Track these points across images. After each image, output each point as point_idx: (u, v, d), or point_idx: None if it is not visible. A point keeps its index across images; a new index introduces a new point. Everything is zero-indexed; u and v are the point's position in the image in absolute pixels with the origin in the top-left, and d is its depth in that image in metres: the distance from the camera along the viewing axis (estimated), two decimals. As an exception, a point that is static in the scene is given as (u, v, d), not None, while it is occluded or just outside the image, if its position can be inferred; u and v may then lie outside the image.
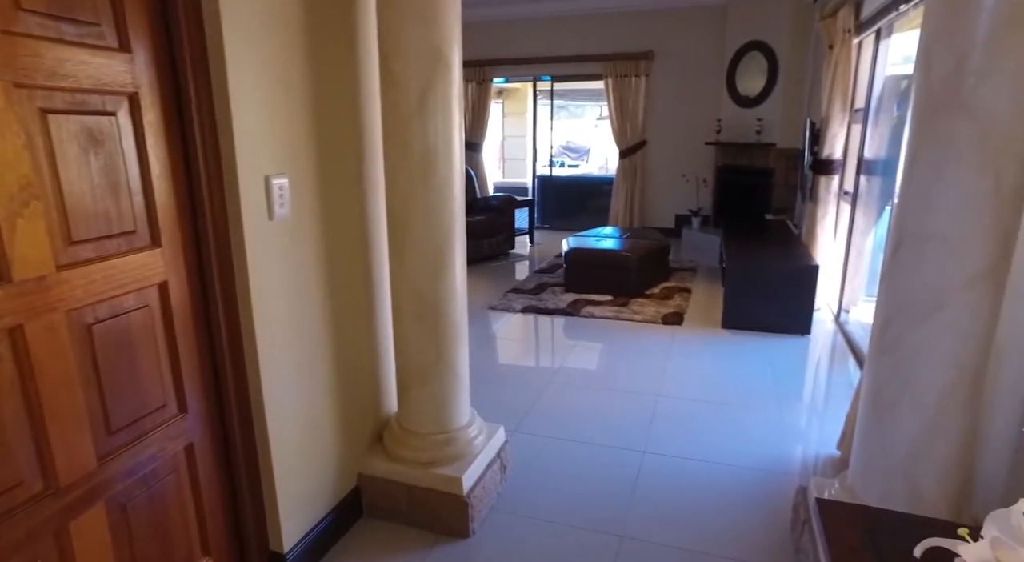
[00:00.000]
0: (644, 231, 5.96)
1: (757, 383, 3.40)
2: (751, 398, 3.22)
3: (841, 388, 3.41)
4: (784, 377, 3.47)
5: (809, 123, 4.30)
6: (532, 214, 7.31)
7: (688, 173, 7.34)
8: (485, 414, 2.49)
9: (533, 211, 7.32)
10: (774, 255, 4.39)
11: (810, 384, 3.49)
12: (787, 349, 3.89)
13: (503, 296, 5.06)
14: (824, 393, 3.35)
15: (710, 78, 7.04)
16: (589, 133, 17.93)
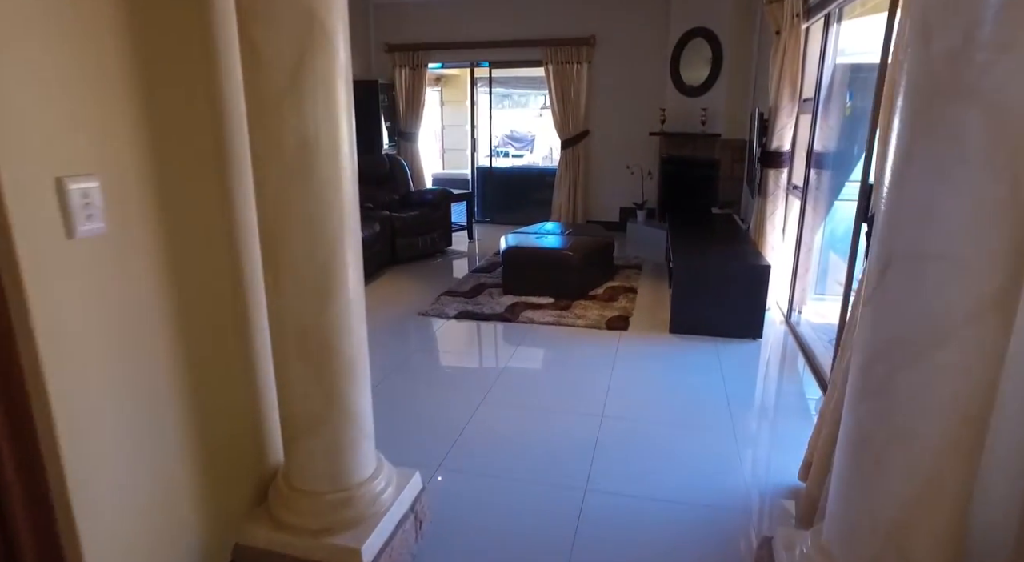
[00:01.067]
0: (587, 227, 5.65)
1: (709, 398, 3.11)
2: (703, 417, 2.93)
3: (797, 401, 3.17)
4: (737, 390, 3.21)
5: (757, 113, 4.06)
6: (471, 208, 6.90)
7: (632, 165, 7.07)
8: (401, 451, 2.09)
9: (472, 205, 6.91)
10: (722, 254, 4.13)
11: (765, 397, 3.23)
12: (739, 355, 3.64)
13: (436, 300, 4.65)
14: (780, 408, 3.10)
15: (654, 66, 6.77)
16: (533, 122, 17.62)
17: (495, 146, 18.49)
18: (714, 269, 3.83)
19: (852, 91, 3.45)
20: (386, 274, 5.47)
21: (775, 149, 4.11)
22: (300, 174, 1.55)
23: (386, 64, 7.48)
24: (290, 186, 1.55)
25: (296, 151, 1.53)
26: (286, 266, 1.61)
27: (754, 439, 2.76)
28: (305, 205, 1.58)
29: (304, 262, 1.61)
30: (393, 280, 5.30)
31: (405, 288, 5.07)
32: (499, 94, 17.62)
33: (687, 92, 6.33)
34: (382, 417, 2.80)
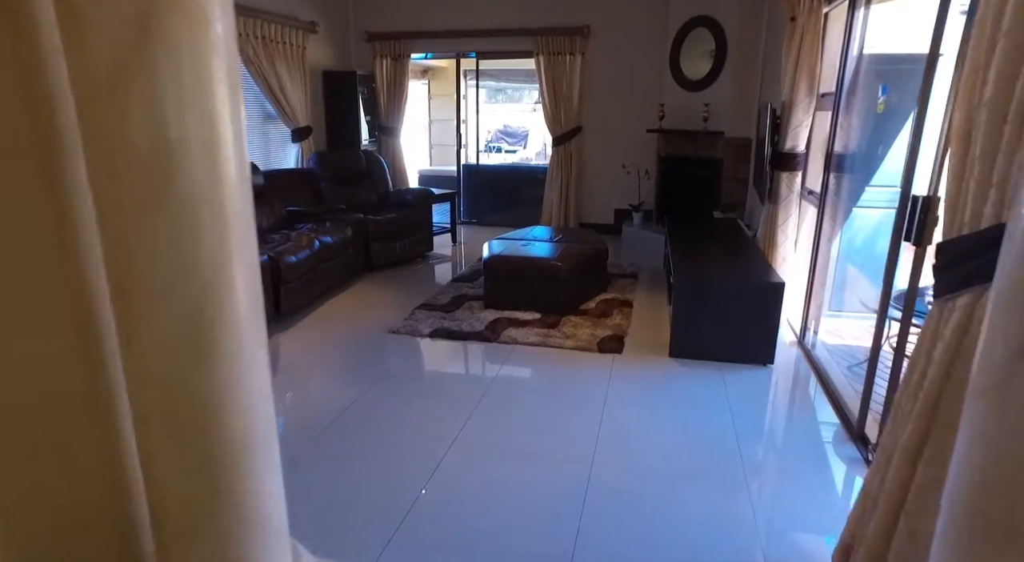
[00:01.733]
0: (579, 232, 5.18)
1: (716, 440, 2.67)
2: (710, 466, 2.49)
3: (818, 445, 2.72)
4: (749, 429, 2.76)
5: (770, 110, 3.62)
6: (455, 209, 6.43)
7: (629, 163, 6.61)
8: (337, 530, 1.63)
9: (456, 205, 6.44)
10: (729, 268, 3.68)
11: (782, 441, 2.78)
12: (748, 385, 3.19)
13: (410, 314, 4.18)
14: (801, 456, 2.65)
15: (652, 58, 6.31)
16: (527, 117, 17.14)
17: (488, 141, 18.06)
18: (720, 286, 3.38)
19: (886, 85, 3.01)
20: (359, 283, 5.00)
21: (789, 150, 3.66)
22: (155, 185, 1.08)
23: (366, 54, 6.99)
24: (142, 202, 1.08)
25: (148, 153, 1.06)
26: (142, 310, 1.14)
27: (772, 496, 2.32)
28: (167, 228, 1.11)
29: (166, 305, 1.14)
30: (365, 290, 4.83)
31: (377, 299, 4.61)
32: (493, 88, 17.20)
33: (688, 86, 5.88)
34: (318, 480, 2.35)
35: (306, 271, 4.18)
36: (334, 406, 2.93)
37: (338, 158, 5.82)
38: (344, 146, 6.60)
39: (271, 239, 4.33)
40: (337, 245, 4.65)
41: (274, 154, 5.87)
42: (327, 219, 4.96)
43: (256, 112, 5.57)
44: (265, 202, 4.80)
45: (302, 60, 5.94)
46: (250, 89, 5.41)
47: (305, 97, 6.00)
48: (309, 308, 4.32)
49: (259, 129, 5.64)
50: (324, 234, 4.58)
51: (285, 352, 3.59)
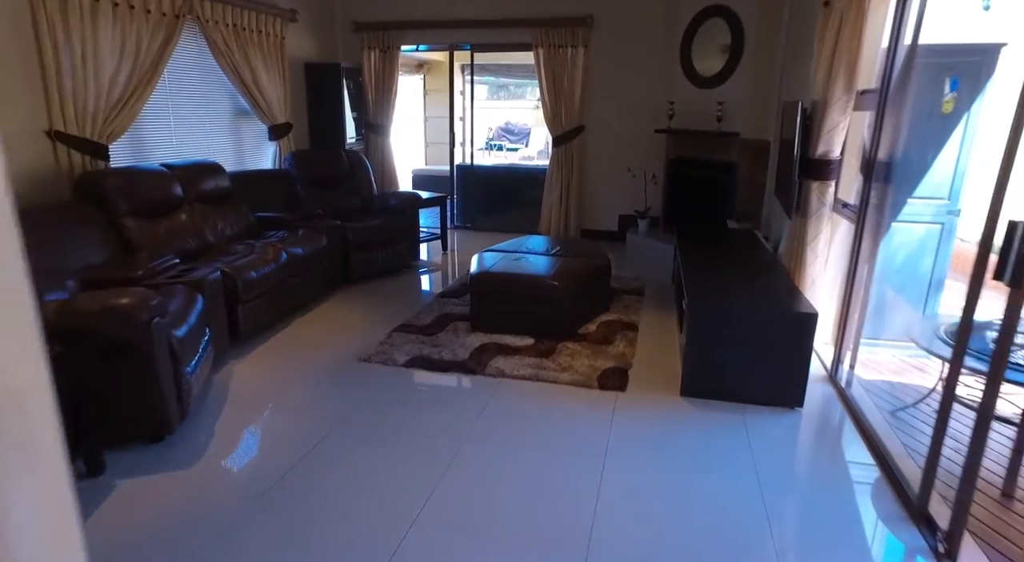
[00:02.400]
0: (580, 244, 4.67)
1: (739, 509, 2.18)
2: (734, 547, 2.00)
3: (866, 527, 2.23)
4: (779, 494, 2.27)
5: (800, 110, 3.12)
6: (445, 213, 5.94)
7: (635, 166, 6.11)
8: None
9: (446, 210, 5.95)
10: (751, 291, 3.18)
11: (821, 511, 2.28)
12: (775, 435, 2.70)
13: (387, 337, 3.70)
14: (847, 537, 2.15)
15: (661, 51, 5.80)
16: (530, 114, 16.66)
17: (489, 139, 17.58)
18: (740, 314, 2.89)
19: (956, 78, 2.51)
20: (334, 297, 4.52)
21: (821, 156, 3.17)
22: None
23: (353, 45, 6.50)
24: None
25: None
26: None
27: (815, 601, 1.83)
28: None
29: None
30: (340, 306, 4.35)
31: (352, 318, 4.12)
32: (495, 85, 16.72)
33: (700, 82, 5.37)
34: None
35: (270, 287, 3.70)
36: (279, 462, 2.45)
37: (317, 158, 5.34)
38: (328, 145, 6.11)
39: (234, 250, 3.85)
40: (309, 256, 4.16)
41: (249, 153, 5.39)
42: (300, 226, 4.47)
43: (227, 107, 5.09)
44: (230, 207, 4.32)
45: (280, 51, 5.45)
46: (220, 82, 4.93)
47: (284, 91, 5.51)
48: (273, 329, 3.84)
49: (230, 126, 5.15)
50: (294, 244, 4.10)
51: (237, 384, 3.11)
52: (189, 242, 3.80)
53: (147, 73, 4.09)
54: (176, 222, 3.81)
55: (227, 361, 3.36)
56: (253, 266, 3.59)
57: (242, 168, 5.26)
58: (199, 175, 4.13)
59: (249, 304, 3.51)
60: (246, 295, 3.46)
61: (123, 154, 4.11)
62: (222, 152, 5.04)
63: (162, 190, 3.78)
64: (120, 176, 3.57)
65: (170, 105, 4.48)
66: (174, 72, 4.47)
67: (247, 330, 3.52)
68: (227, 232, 4.18)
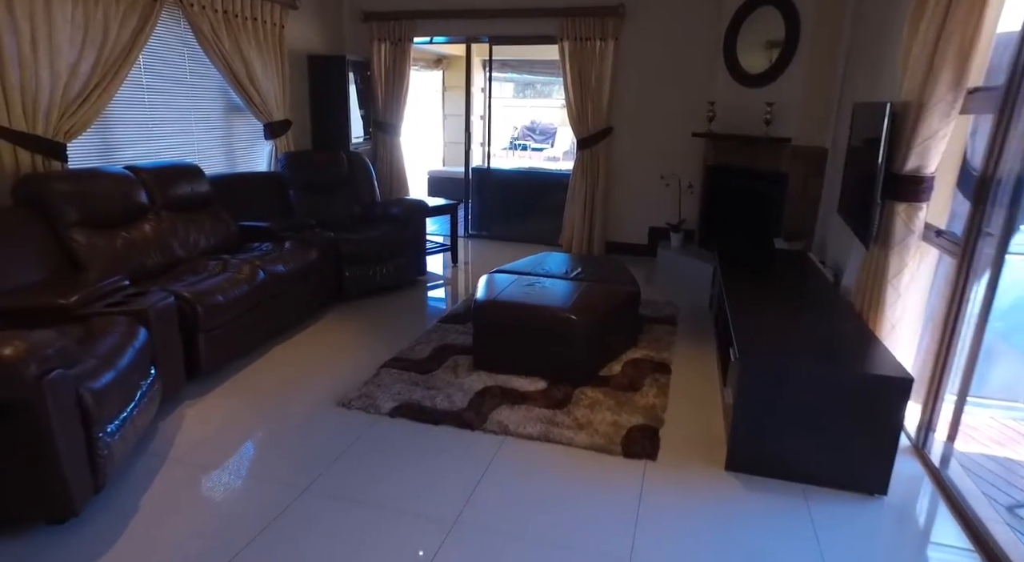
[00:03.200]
0: (605, 265, 4.04)
1: None
2: None
3: None
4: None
5: (888, 114, 2.49)
6: (455, 222, 5.37)
7: (668, 174, 5.49)
8: None
9: (457, 218, 5.38)
10: (818, 341, 2.55)
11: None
12: (850, 532, 2.09)
13: (374, 375, 3.15)
14: None
15: (702, 44, 5.16)
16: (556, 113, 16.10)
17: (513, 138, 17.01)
18: (806, 374, 2.27)
19: None
20: (324, 319, 3.99)
21: (912, 171, 2.52)
22: None
23: (362, 37, 5.98)
24: None
25: None
26: None
27: None
28: None
29: None
30: (327, 331, 3.82)
31: (339, 346, 3.58)
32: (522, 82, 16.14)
33: (746, 81, 4.73)
34: None
35: (242, 312, 3.18)
36: (216, 551, 1.91)
37: (313, 160, 4.82)
38: (332, 144, 5.60)
39: (204, 268, 3.34)
40: (294, 274, 3.64)
41: (241, 154, 4.89)
42: (288, 238, 3.95)
43: (216, 102, 4.59)
44: (208, 216, 3.82)
45: (278, 42, 4.95)
46: (208, 73, 4.44)
47: (282, 86, 5.01)
48: (246, 358, 3.32)
49: (221, 123, 4.66)
50: (276, 261, 3.57)
51: (185, 435, 2.59)
52: (152, 258, 3.30)
53: (116, 63, 3.60)
54: (138, 234, 3.30)
55: (181, 402, 2.85)
56: (220, 289, 3.06)
57: (232, 170, 4.77)
58: (171, 179, 3.63)
59: (213, 333, 2.99)
60: (209, 323, 2.94)
61: (87, 154, 3.63)
62: (209, 152, 4.55)
63: (122, 196, 3.28)
64: (69, 180, 3.08)
65: (147, 99, 3.99)
66: (153, 62, 3.98)
67: (210, 364, 3.01)
68: (202, 244, 3.67)
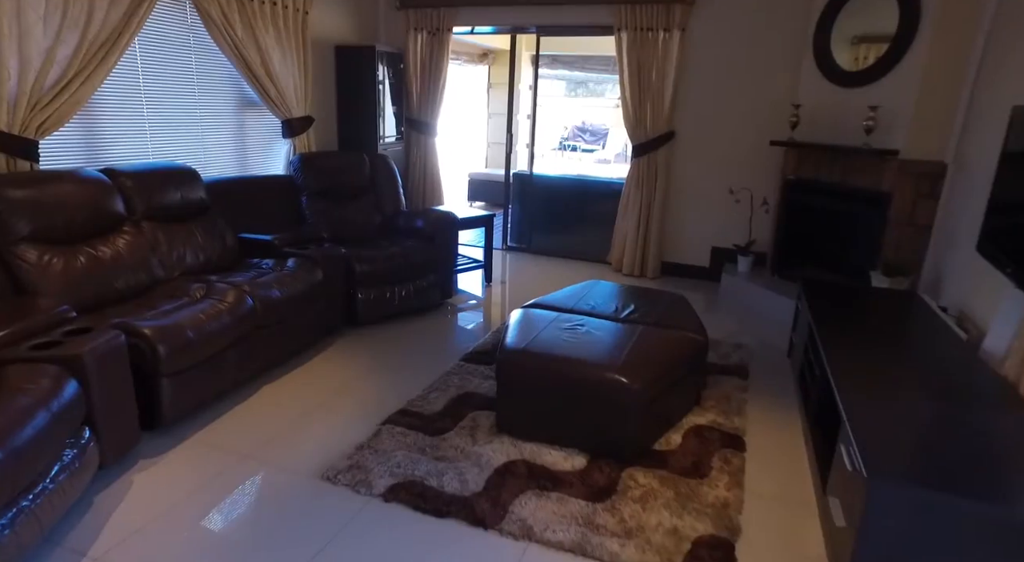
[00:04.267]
0: (665, 302, 3.25)
1: None
2: None
3: None
4: None
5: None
6: (490, 236, 4.75)
7: (739, 187, 4.74)
8: None
9: (492, 231, 4.76)
10: (976, 450, 1.81)
11: None
12: None
13: (372, 435, 2.56)
14: None
15: (786, 36, 4.39)
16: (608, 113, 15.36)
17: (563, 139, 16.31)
18: (976, 518, 1.54)
19: None
20: (328, 350, 3.43)
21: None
22: None
23: (397, 26, 5.43)
24: None
25: None
26: None
27: None
28: None
29: None
30: (329, 366, 3.25)
31: (337, 388, 3.01)
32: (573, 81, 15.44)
33: (842, 79, 3.94)
34: None
35: (221, 349, 2.64)
36: None
37: (331, 163, 4.27)
38: (360, 144, 5.07)
39: (182, 293, 2.82)
40: (293, 299, 3.09)
41: (256, 154, 4.40)
42: (293, 254, 3.41)
43: (227, 95, 4.10)
44: (202, 226, 3.31)
45: (301, 29, 4.43)
46: (217, 62, 3.95)
47: (304, 79, 4.49)
48: (221, 405, 2.78)
49: (232, 119, 4.17)
50: (271, 284, 3.02)
51: (123, 516, 2.04)
52: (123, 279, 2.79)
53: (103, 49, 3.12)
54: (108, 250, 2.80)
55: (131, 465, 2.32)
56: (194, 322, 2.53)
57: (244, 173, 4.28)
58: (157, 184, 3.13)
59: (181, 377, 2.45)
60: (175, 365, 2.40)
61: (68, 154, 3.16)
62: (218, 153, 4.06)
63: (91, 204, 2.78)
64: (22, 184, 2.58)
65: (143, 91, 3.51)
66: (150, 48, 3.50)
67: (174, 413, 2.47)
68: (188, 261, 3.16)
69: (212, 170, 4.00)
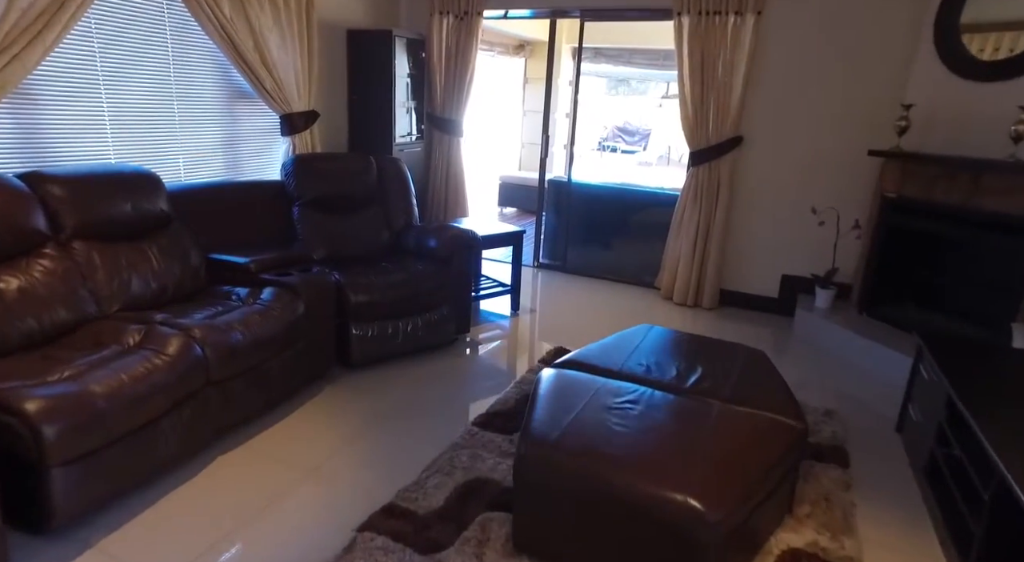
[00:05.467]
0: (742, 360, 2.42)
1: None
2: None
3: None
4: None
5: None
6: (519, 257, 4.01)
7: (824, 205, 3.91)
8: None
9: (521, 250, 4.02)
10: None
11: None
12: None
13: (343, 551, 1.86)
14: None
15: (893, 19, 3.55)
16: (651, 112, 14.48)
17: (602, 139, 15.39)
18: None
19: None
20: (308, 404, 2.75)
21: None
22: None
23: (419, 8, 4.74)
24: None
25: None
26: None
27: None
28: None
29: None
30: (305, 428, 2.57)
31: (309, 466, 2.33)
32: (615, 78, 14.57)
33: (976, 71, 3.10)
34: None
35: (149, 420, 1.98)
36: None
37: (330, 167, 3.58)
38: (373, 144, 4.41)
39: (119, 335, 2.17)
40: (261, 346, 2.41)
41: (250, 154, 3.76)
42: (271, 282, 2.75)
43: (213, 85, 3.46)
44: (160, 245, 2.66)
45: (305, 10, 3.77)
46: (200, 45, 3.31)
47: (307, 67, 3.83)
48: (151, 492, 2.12)
49: (220, 113, 3.53)
50: (233, 326, 2.35)
51: None
52: (30, 320, 2.14)
53: (38, 22, 2.49)
54: (16, 281, 2.16)
55: (2, 595, 1.67)
56: (111, 386, 1.86)
57: (236, 177, 3.64)
58: (99, 192, 2.49)
59: (82, 464, 1.79)
60: (71, 450, 1.74)
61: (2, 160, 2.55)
62: (202, 154, 3.42)
63: None
64: None
65: (102, 78, 2.88)
66: (111, 25, 2.87)
67: (72, 510, 1.81)
68: (136, 290, 2.51)
69: (193, 175, 3.37)
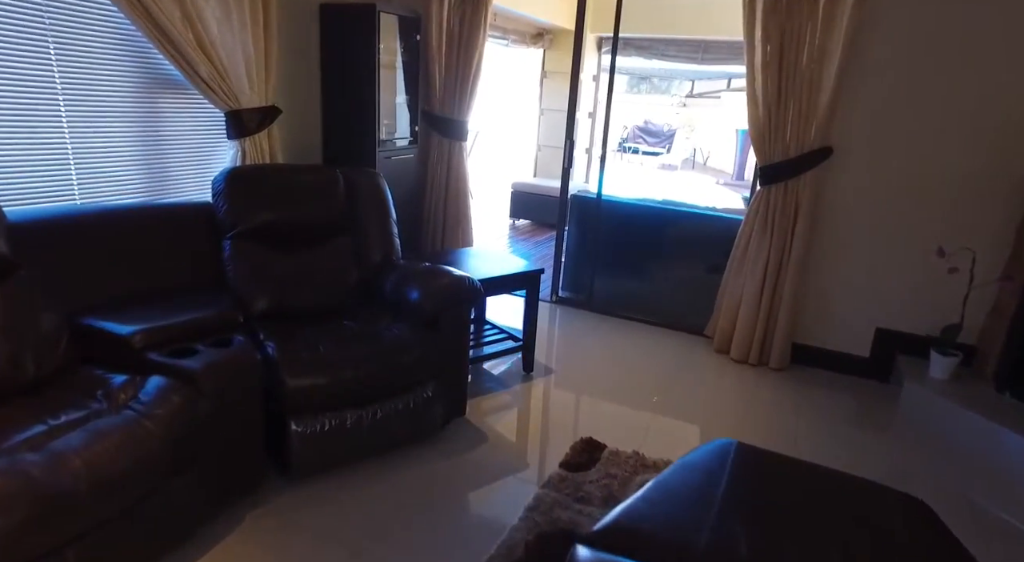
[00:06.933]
0: (896, 531, 1.45)
1: None
2: None
3: None
4: None
5: None
6: (534, 302, 3.05)
7: (953, 243, 2.92)
8: None
9: (537, 294, 3.06)
10: None
11: None
12: None
13: None
14: None
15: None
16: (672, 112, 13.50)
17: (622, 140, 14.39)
18: None
19: None
20: (227, 539, 1.82)
21: None
22: None
23: (417, -18, 3.79)
24: None
25: None
26: None
27: None
28: None
29: None
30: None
31: None
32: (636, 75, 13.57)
33: None
34: None
35: None
36: None
37: (278, 183, 2.62)
38: (353, 147, 3.46)
39: None
40: (113, 487, 1.49)
41: (185, 163, 2.83)
42: (159, 367, 1.82)
43: (126, 69, 2.53)
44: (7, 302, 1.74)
45: (259, -27, 2.84)
46: (99, 15, 2.38)
47: (262, 49, 2.90)
48: None
49: (141, 107, 2.60)
50: (69, 457, 1.42)
51: None
52: None
53: None
54: None
55: None
56: None
57: (160, 198, 2.72)
58: None
59: None
60: None
61: None
62: (103, 168, 2.49)
63: None
64: None
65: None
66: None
67: None
68: (-72, 390, 1.59)
69: (95, 195, 2.44)
